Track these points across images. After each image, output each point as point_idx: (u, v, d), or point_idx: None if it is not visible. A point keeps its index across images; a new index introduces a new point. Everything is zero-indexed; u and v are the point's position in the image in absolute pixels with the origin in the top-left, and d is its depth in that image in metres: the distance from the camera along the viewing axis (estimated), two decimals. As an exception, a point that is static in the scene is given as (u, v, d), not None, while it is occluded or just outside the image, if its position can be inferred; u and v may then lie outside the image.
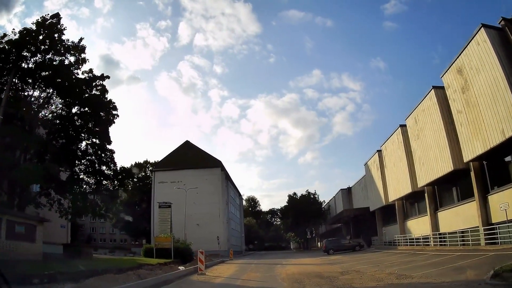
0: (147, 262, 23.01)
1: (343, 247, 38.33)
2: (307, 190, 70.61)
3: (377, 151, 40.85)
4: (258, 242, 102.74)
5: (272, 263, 29.65)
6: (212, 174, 59.07)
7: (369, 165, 43.89)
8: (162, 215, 38.07)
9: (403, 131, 33.84)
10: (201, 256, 19.15)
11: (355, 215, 47.00)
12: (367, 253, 32.82)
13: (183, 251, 31.13)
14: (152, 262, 23.89)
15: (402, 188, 34.10)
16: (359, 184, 53.64)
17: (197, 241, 48.76)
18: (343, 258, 29.65)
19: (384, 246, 38.37)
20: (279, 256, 47.23)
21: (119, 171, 28.09)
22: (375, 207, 42.23)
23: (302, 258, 35.09)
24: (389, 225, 40.13)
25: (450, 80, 25.46)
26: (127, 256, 38.53)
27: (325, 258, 32.57)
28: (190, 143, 64.14)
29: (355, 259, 26.95)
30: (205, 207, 55.35)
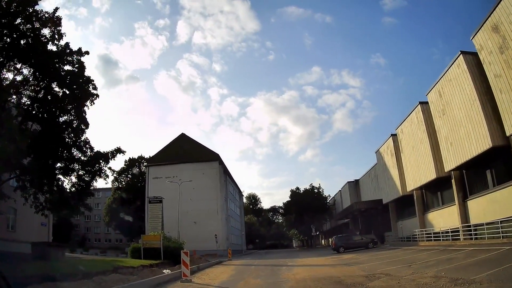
0: (127, 265, 19.91)
1: (354, 244, 33.97)
2: (311, 184, 66.47)
3: (391, 135, 36.41)
4: (259, 241, 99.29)
5: (275, 264, 25.32)
6: (210, 168, 55.35)
7: (382, 152, 39.43)
8: (153, 211, 35.32)
9: (424, 108, 29.45)
10: (185, 257, 14.79)
11: (366, 209, 42.51)
12: (384, 251, 28.47)
13: (175, 251, 27.36)
14: (134, 264, 20.66)
15: (423, 174, 29.70)
16: (368, 175, 49.24)
17: (194, 239, 45.81)
18: (359, 257, 25.29)
19: (401, 242, 34.01)
20: (282, 255, 42.89)
21: (94, 155, 23.80)
22: (389, 199, 37.81)
23: (310, 258, 30.75)
24: (406, 218, 35.76)
25: (483, 40, 21.37)
26: (118, 257, 34.53)
27: (336, 257, 28.24)
28: (185, 135, 60.53)
29: (375, 258, 22.63)
30: (202, 203, 52.20)
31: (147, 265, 21.31)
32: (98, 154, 23.99)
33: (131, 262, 21.95)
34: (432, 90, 27.82)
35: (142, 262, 22.53)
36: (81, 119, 23.67)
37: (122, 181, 69.60)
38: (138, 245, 28.92)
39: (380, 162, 40.37)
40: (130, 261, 23.15)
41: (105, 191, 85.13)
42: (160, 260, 24.09)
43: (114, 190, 69.22)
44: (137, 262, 21.89)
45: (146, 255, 25.12)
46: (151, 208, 34.91)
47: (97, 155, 23.97)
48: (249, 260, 34.21)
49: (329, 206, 64.53)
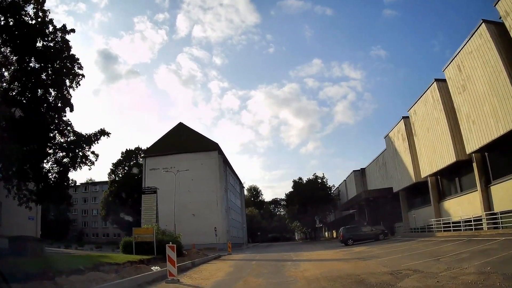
0: (112, 261, 17.52)
1: (364, 236, 31.46)
2: (314, 174, 63.85)
3: (403, 117, 33.68)
4: (261, 234, 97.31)
5: (279, 258, 22.83)
6: (209, 158, 52.99)
7: (392, 137, 36.72)
8: (147, 202, 33.50)
9: (440, 86, 26.75)
10: (170, 253, 12.25)
11: (375, 198, 39.85)
12: (398, 242, 25.93)
13: None
14: (121, 260, 18.23)
15: (440, 159, 27.06)
16: (375, 163, 46.63)
17: (193, 233, 43.78)
18: (372, 249, 22.77)
19: (414, 234, 31.50)
20: (285, 248, 40.47)
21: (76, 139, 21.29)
22: (400, 186, 35.18)
23: (316, 251, 28.25)
24: (419, 208, 33.21)
25: (508, 5, 18.58)
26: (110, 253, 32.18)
27: (346, 250, 25.74)
28: (183, 125, 57.98)
29: (391, 251, 20.12)
30: (201, 195, 50.15)
31: (135, 261, 19.05)
32: (79, 136, 21.50)
33: (119, 258, 19.65)
34: (450, 65, 25.12)
35: (131, 257, 20.28)
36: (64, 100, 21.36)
37: (118, 174, 67.61)
38: (130, 239, 26.79)
39: (389, 148, 37.70)
40: (119, 257, 20.86)
41: (102, 185, 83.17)
42: (152, 256, 21.80)
43: (111, 183, 67.15)
44: (125, 258, 19.61)
45: (139, 250, 23.16)
46: (144, 200, 33.15)
47: (79, 137, 21.49)
48: (250, 254, 31.78)
49: (334, 197, 61.91)
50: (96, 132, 21.76)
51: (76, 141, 21.28)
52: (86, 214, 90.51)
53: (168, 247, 12.48)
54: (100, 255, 26.14)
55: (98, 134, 21.77)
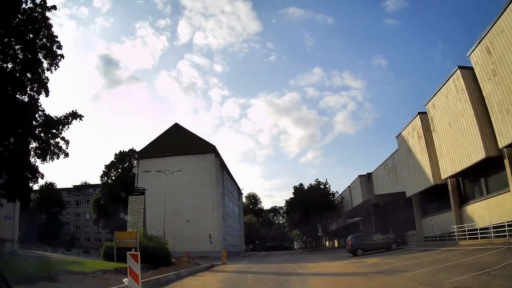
0: (80, 269, 14.84)
1: (375, 246, 27.95)
2: (316, 180, 60.05)
3: (419, 113, 30.29)
4: (259, 242, 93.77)
5: (280, 271, 19.34)
6: (205, 161, 49.83)
7: (405, 136, 33.30)
8: (134, 204, 31.18)
9: (465, 73, 23.49)
10: (132, 264, 8.81)
11: (385, 203, 36.24)
12: (418, 253, 22.41)
13: (156, 252, 22.18)
14: (92, 267, 15.66)
15: (466, 156, 23.62)
16: (383, 167, 43.23)
17: (186, 240, 42.21)
18: (390, 261, 19.28)
19: (431, 243, 27.96)
20: (286, 258, 36.90)
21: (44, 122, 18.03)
22: (415, 190, 31.68)
23: (322, 262, 24.71)
24: (435, 214, 29.70)
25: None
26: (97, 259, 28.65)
27: (357, 261, 22.24)
28: (179, 125, 54.72)
29: (416, 262, 16.72)
30: (196, 200, 46.90)
31: (109, 269, 16.42)
32: (48, 119, 18.18)
33: (92, 265, 16.98)
34: (477, 48, 21.93)
35: (106, 265, 17.68)
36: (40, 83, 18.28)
37: (111, 176, 64.51)
38: (112, 244, 23.80)
39: (402, 148, 34.26)
40: (95, 264, 18.24)
41: (96, 188, 79.88)
42: None
43: (103, 185, 64.08)
44: (99, 266, 17.07)
45: (121, 256, 19.33)
46: (131, 201, 30.92)
47: (47, 120, 18.19)
48: (247, 265, 28.23)
49: (337, 204, 58.20)
50: (67, 115, 18.48)
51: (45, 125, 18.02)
52: (78, 217, 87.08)
53: (130, 255, 9.07)
54: (75, 261, 23.20)
55: (69, 116, 18.48)
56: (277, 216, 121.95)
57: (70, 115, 18.74)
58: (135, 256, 8.97)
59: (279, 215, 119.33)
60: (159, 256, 22.33)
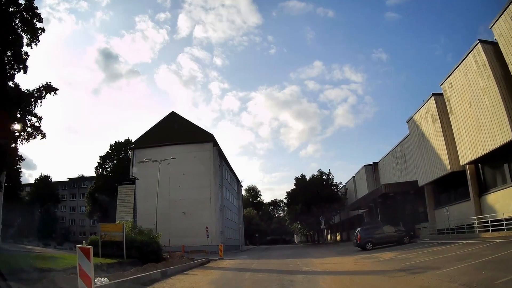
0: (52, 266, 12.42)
1: (386, 239, 25.54)
2: (319, 170, 57.55)
3: (433, 94, 27.61)
4: (259, 236, 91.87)
5: (283, 268, 16.92)
6: (202, 150, 47.52)
7: (417, 120, 30.66)
8: (123, 194, 28.97)
9: (486, 47, 20.83)
10: (83, 261, 6.34)
11: (395, 193, 33.50)
12: (435, 247, 19.97)
13: (144, 246, 19.74)
14: (60, 265, 12.93)
15: (489, 138, 20.99)
16: (391, 156, 40.67)
17: (183, 233, 39.97)
18: (408, 256, 16.89)
19: (447, 235, 25.50)
20: (287, 252, 34.57)
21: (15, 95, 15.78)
22: (429, 179, 29.01)
23: (328, 258, 22.31)
24: (451, 204, 27.17)
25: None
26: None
27: (368, 256, 19.86)
28: (176, 114, 52.32)
29: (441, 258, 14.29)
30: (193, 191, 44.68)
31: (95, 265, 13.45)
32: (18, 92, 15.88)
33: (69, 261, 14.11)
34: (501, 19, 19.29)
35: (74, 261, 14.72)
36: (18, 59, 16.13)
37: (106, 167, 62.29)
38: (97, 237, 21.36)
39: (414, 134, 31.61)
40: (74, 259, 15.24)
41: (92, 180, 77.59)
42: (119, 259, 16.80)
43: (97, 177, 61.88)
44: (65, 261, 14.13)
45: (107, 250, 18.13)
46: (121, 191, 28.06)
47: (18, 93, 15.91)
48: (246, 260, 25.84)
49: (341, 196, 55.73)
50: (39, 87, 16.15)
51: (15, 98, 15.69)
52: (73, 211, 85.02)
53: (80, 249, 6.63)
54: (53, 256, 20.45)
55: (42, 90, 16.16)
56: (277, 210, 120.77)
57: (44, 88, 16.46)
58: (87, 251, 6.54)
59: (279, 209, 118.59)
60: (148, 251, 19.96)
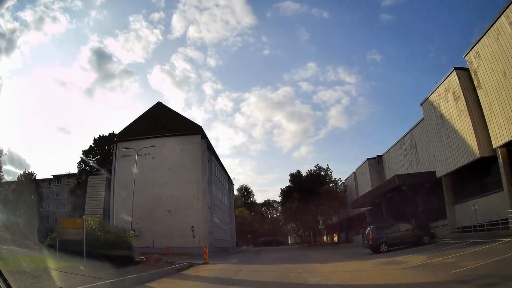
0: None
1: (402, 239, 21.26)
2: (316, 165, 53.26)
3: (455, 68, 23.41)
4: (251, 237, 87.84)
5: (280, 278, 12.54)
6: (190, 143, 43.25)
7: (433, 101, 26.34)
8: (93, 186, 25.01)
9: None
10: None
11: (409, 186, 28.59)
12: (471, 247, 15.73)
13: (109, 247, 16.07)
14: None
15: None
16: (398, 147, 36.52)
17: (168, 233, 36.81)
18: (447, 259, 12.68)
19: (473, 234, 21.31)
20: (284, 255, 30.29)
21: None
22: (451, 167, 24.56)
23: (337, 263, 18.00)
24: (475, 197, 22.94)
25: None
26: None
27: (389, 261, 15.58)
28: (162, 104, 48.08)
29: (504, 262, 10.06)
30: (179, 187, 40.51)
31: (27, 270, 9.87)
32: None
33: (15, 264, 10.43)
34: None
35: (38, 263, 11.58)
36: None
37: (89, 163, 57.75)
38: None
39: (430, 118, 27.28)
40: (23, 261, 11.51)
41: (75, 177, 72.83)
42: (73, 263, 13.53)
43: (79, 173, 57.39)
44: (31, 263, 11.16)
45: (67, 250, 14.74)
46: (90, 183, 24.36)
47: None
48: (234, 265, 21.50)
49: (340, 193, 51.44)
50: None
51: None
52: (57, 209, 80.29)
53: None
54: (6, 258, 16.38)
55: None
56: (270, 210, 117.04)
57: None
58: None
59: (272, 209, 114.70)
60: (114, 253, 15.84)
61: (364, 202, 39.42)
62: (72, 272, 11.74)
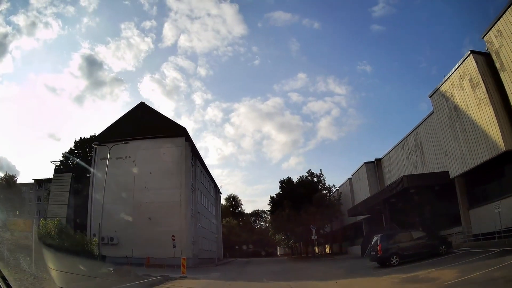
0: None
1: (416, 250, 17.84)
2: (309, 171, 49.78)
3: (471, 52, 20.31)
4: (239, 247, 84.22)
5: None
6: (173, 145, 40.15)
7: (446, 92, 23.15)
8: (56, 186, 22.45)
9: None
10: None
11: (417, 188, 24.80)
12: (504, 257, 12.45)
13: (69, 254, 15.45)
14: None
15: None
16: (400, 148, 33.42)
17: (149, 242, 33.95)
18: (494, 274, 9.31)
19: (498, 241, 18.02)
20: (274, 269, 26.76)
21: None
22: (468, 166, 21.15)
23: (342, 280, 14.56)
24: (499, 198, 19.74)
25: None
26: None
27: (411, 277, 12.28)
28: (145, 105, 45.02)
29: None
30: (161, 193, 37.60)
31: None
32: None
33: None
34: None
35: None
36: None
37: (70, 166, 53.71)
38: None
39: (442, 110, 23.91)
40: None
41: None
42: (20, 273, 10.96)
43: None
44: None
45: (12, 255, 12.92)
46: (54, 183, 22.96)
47: None
48: (214, 282, 17.96)
49: (334, 201, 47.87)
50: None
51: None
52: (39, 215, 76.34)
53: None
54: None
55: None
56: (259, 221, 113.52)
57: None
58: None
59: (261, 219, 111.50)
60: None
61: (363, 209, 36.07)
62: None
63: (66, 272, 12.37)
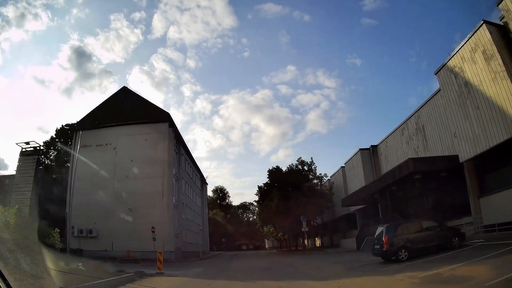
0: None
1: (427, 243, 15.39)
2: (299, 159, 47.21)
3: (484, 22, 17.73)
4: (226, 240, 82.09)
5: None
6: (155, 131, 37.49)
7: (455, 67, 20.30)
8: (20, 171, 24.45)
9: None
10: None
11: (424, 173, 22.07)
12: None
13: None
14: None
15: None
16: (399, 133, 30.95)
17: (129, 235, 32.00)
18: None
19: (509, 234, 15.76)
20: (263, 264, 24.31)
21: None
22: (481, 148, 18.64)
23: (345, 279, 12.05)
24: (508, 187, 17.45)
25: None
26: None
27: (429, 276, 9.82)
28: (128, 89, 41.97)
29: None
30: (142, 182, 35.07)
31: None
32: None
33: None
34: None
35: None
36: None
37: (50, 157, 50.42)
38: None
39: (450, 87, 21.18)
40: None
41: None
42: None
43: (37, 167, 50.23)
44: None
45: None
46: (20, 164, 23.53)
47: None
48: (193, 280, 15.34)
49: (326, 191, 45.51)
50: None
51: None
52: (4, 205, 72.43)
53: None
54: None
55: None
56: (247, 213, 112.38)
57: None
58: None
59: (249, 212, 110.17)
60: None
61: (358, 199, 33.66)
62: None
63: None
